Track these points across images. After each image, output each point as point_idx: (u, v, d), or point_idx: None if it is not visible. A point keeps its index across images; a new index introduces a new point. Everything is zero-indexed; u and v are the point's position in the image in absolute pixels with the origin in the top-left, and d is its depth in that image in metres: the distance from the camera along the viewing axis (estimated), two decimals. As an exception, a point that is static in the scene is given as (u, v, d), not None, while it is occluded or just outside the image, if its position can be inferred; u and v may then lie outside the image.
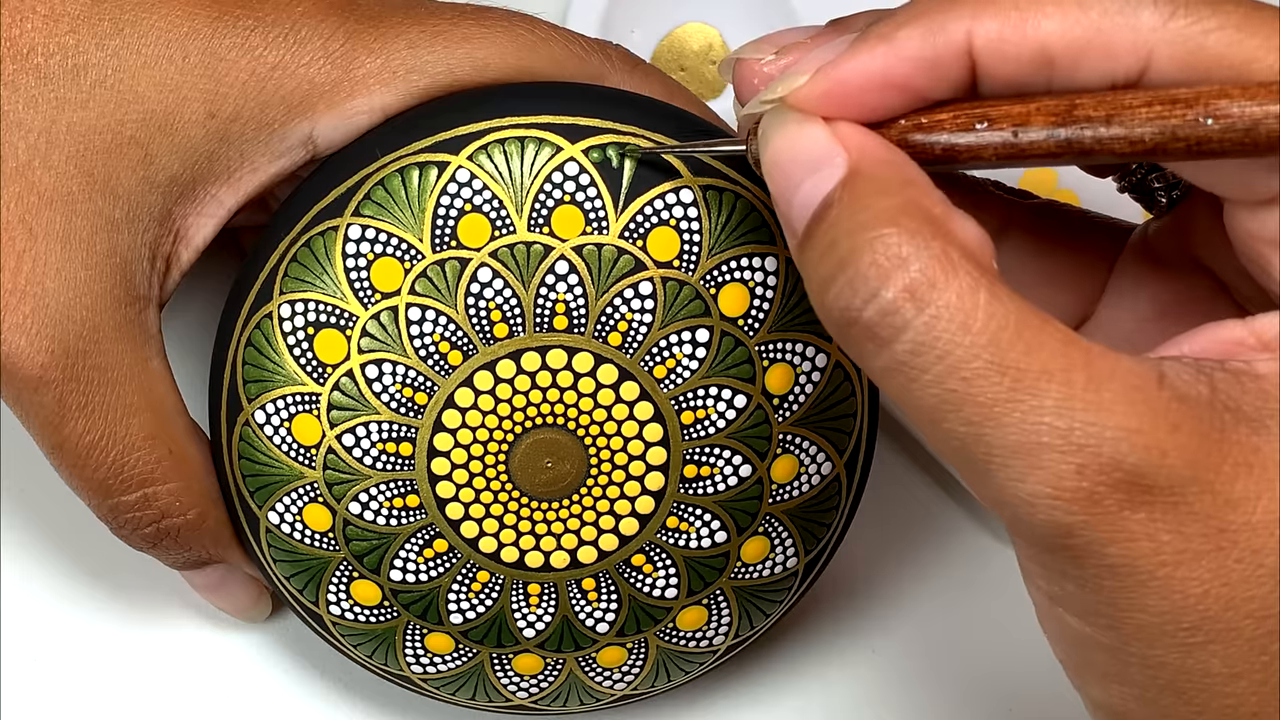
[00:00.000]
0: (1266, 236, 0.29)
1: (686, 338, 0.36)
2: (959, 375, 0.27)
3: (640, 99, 0.37)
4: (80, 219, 0.35)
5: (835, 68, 0.30)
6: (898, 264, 0.27)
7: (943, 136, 0.30)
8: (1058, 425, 0.26)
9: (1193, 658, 0.27)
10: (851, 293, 0.27)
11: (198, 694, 0.45)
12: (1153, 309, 0.35)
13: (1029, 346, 0.27)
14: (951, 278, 0.27)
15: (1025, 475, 0.27)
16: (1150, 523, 0.27)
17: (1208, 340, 0.29)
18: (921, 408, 0.27)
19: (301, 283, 0.36)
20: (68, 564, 0.46)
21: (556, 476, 0.37)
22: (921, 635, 0.46)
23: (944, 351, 0.27)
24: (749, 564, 0.39)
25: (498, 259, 0.36)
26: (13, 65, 0.35)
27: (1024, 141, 0.29)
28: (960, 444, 0.27)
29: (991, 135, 0.29)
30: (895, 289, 0.27)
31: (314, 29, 0.36)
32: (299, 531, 0.38)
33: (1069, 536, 0.27)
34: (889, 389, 0.28)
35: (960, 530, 0.47)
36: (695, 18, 0.50)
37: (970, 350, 0.27)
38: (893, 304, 0.27)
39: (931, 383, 0.27)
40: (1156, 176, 0.34)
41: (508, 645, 0.39)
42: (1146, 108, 0.28)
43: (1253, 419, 0.27)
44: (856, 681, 0.46)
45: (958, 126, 0.29)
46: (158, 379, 0.37)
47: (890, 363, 0.27)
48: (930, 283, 0.27)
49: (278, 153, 0.37)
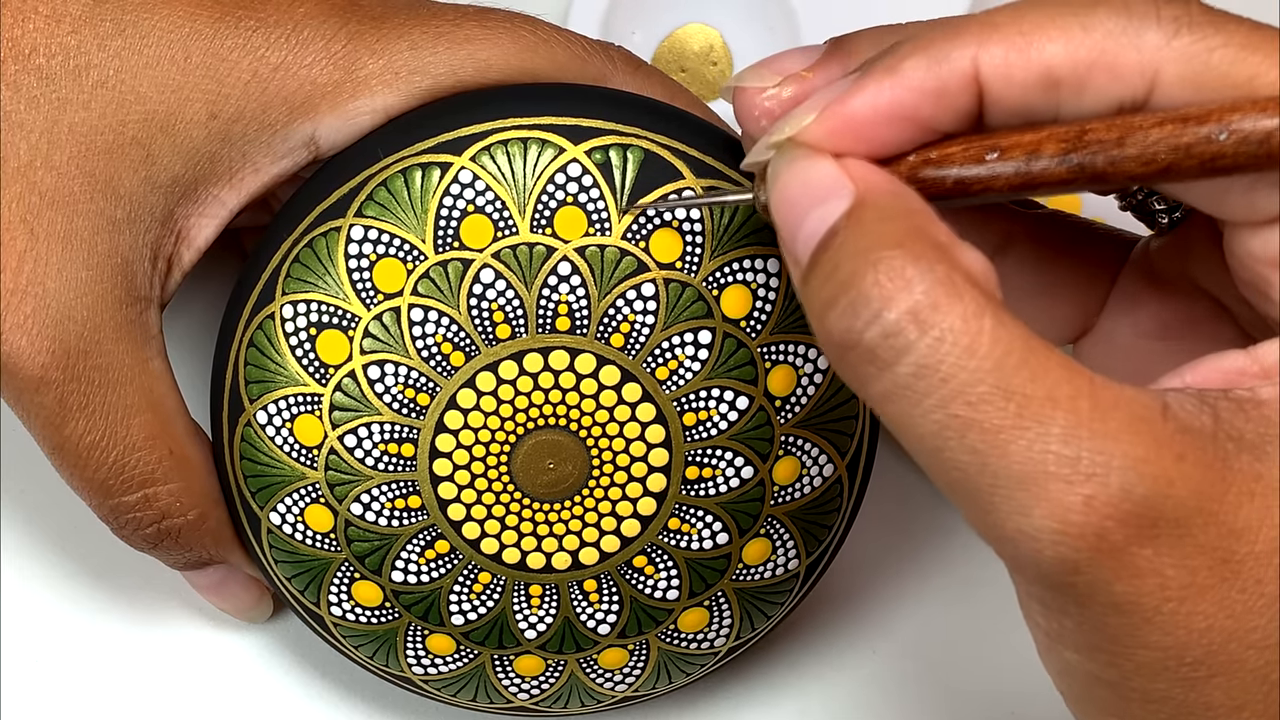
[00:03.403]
0: (1268, 258, 0.29)
1: (689, 339, 0.36)
2: (963, 400, 0.26)
3: (642, 100, 0.37)
4: (81, 219, 0.35)
5: (842, 104, 0.29)
6: (902, 286, 0.26)
7: (954, 170, 0.29)
8: (1065, 453, 0.26)
9: (1195, 691, 0.27)
10: (853, 314, 0.27)
11: (198, 695, 0.45)
12: (1153, 325, 0.35)
13: (1034, 373, 0.26)
14: (956, 301, 0.26)
15: (1030, 508, 0.26)
16: (1156, 558, 0.26)
17: (1210, 370, 0.29)
18: (923, 435, 0.27)
19: (304, 283, 0.36)
20: (68, 564, 0.46)
21: (558, 478, 0.37)
22: (923, 637, 0.46)
23: (948, 375, 0.26)
24: (750, 566, 0.39)
25: (500, 260, 0.36)
26: (15, 65, 0.35)
27: (1036, 169, 0.29)
28: (962, 474, 0.26)
29: (1003, 166, 0.29)
30: (899, 310, 0.26)
31: (316, 30, 0.36)
32: (300, 532, 0.38)
33: (1074, 574, 0.26)
34: (888, 416, 0.27)
35: (961, 532, 0.47)
36: (696, 19, 0.50)
37: (975, 374, 0.26)
38: (896, 325, 0.26)
39: (934, 407, 0.26)
40: (1156, 199, 0.34)
41: (509, 646, 0.39)
42: (1158, 127, 0.28)
43: (1255, 446, 0.27)
44: (858, 683, 0.46)
45: (968, 159, 0.29)
46: (159, 379, 0.37)
47: (891, 387, 0.27)
48: (934, 305, 0.26)
49: (280, 153, 0.37)
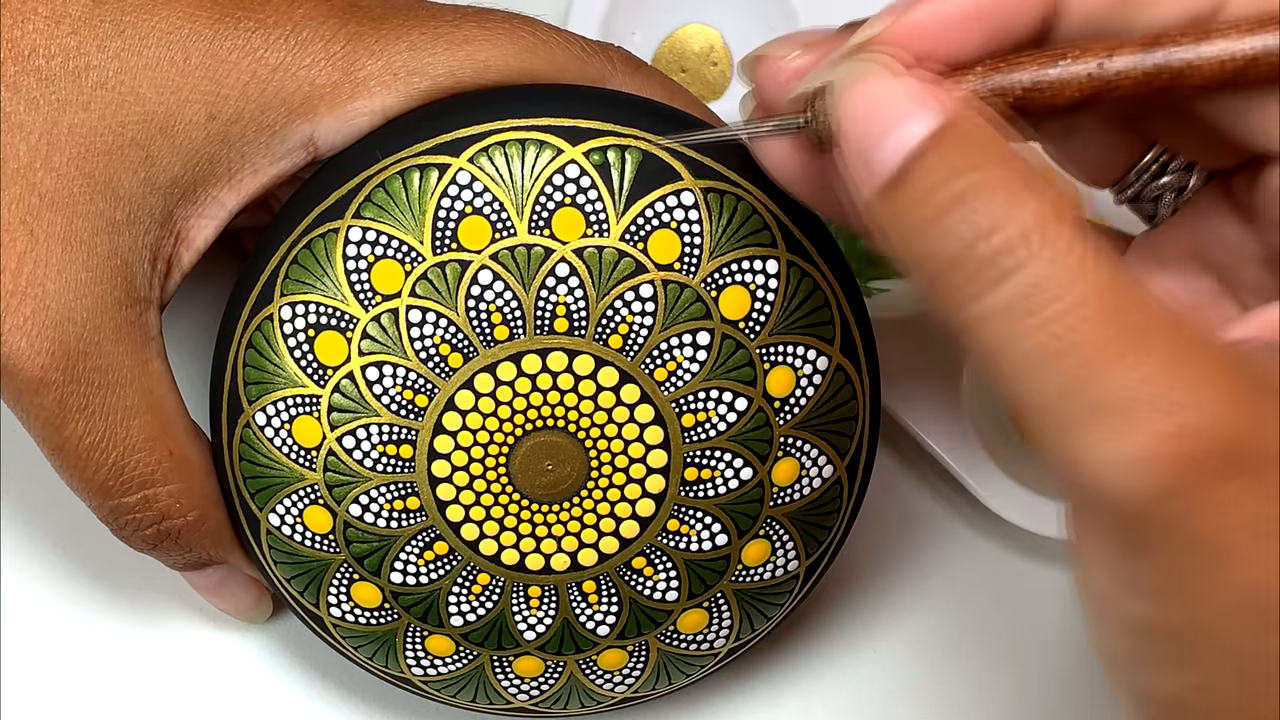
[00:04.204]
0: None
1: (687, 340, 0.36)
2: (1068, 321, 0.26)
3: (642, 101, 0.37)
4: (81, 221, 0.35)
5: (911, 13, 0.29)
6: (1016, 203, 0.26)
7: (1025, 74, 0.29)
8: (1162, 383, 0.26)
9: (1268, 640, 0.27)
10: (965, 230, 0.27)
11: (198, 695, 0.45)
12: None
13: (1139, 302, 0.26)
14: (1064, 225, 0.26)
15: (1122, 434, 0.26)
16: (1242, 494, 0.26)
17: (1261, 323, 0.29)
18: (1020, 354, 0.26)
19: (302, 285, 0.36)
20: (68, 565, 0.46)
21: (557, 479, 0.37)
22: (923, 638, 0.46)
23: (1058, 294, 0.26)
24: (750, 567, 0.39)
25: (498, 261, 0.36)
26: (14, 67, 0.35)
27: (1110, 71, 0.28)
28: (1055, 397, 0.26)
29: (1077, 67, 0.28)
30: (1013, 229, 0.26)
31: (315, 31, 0.36)
32: (299, 533, 0.38)
33: (1161, 502, 0.26)
34: (984, 337, 0.27)
35: (962, 532, 0.47)
36: (696, 19, 0.50)
37: (1085, 295, 0.26)
38: (1007, 244, 0.26)
39: (1039, 326, 0.26)
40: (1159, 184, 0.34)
41: (508, 648, 0.39)
42: (1236, 29, 0.28)
43: None
44: (858, 684, 0.46)
45: (1040, 64, 0.29)
46: (158, 381, 0.37)
47: (995, 306, 0.26)
48: (1044, 226, 0.26)
49: (278, 154, 0.37)
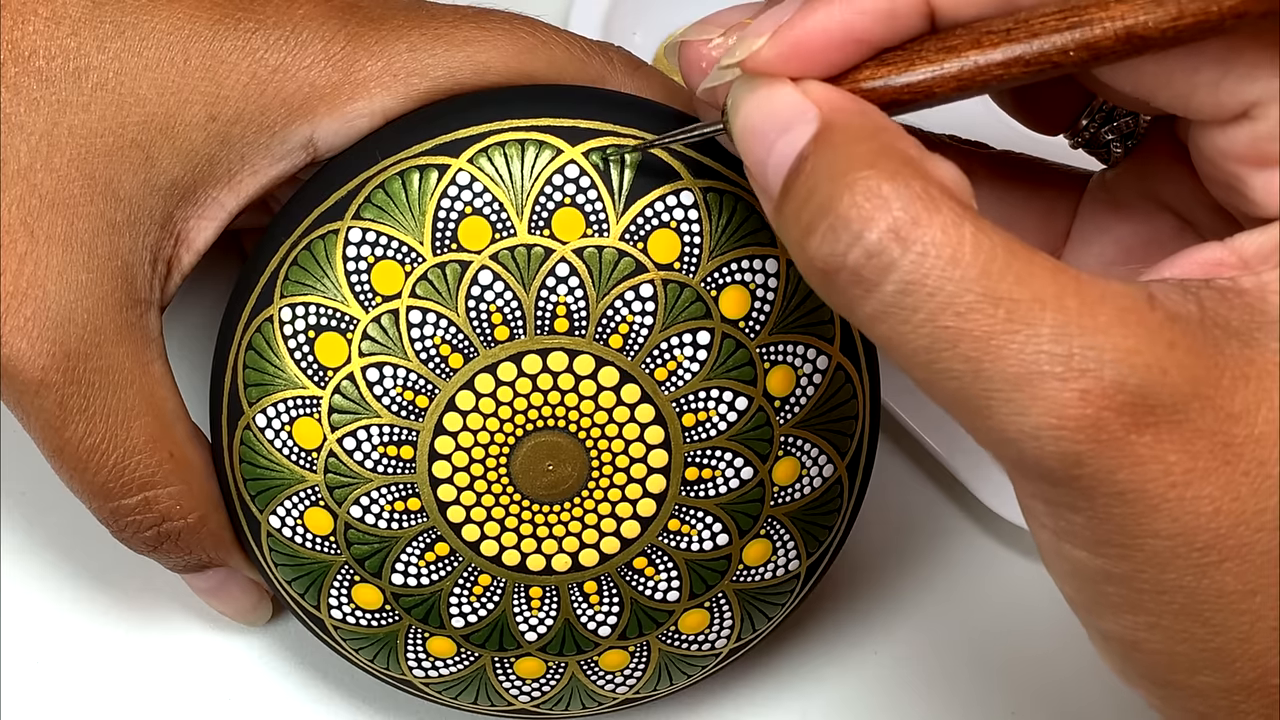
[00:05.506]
0: (1237, 153, 0.29)
1: (687, 340, 0.36)
2: (952, 310, 0.26)
3: (641, 101, 0.37)
4: (81, 222, 0.35)
5: (793, 27, 0.29)
6: (879, 205, 0.26)
7: (901, 78, 0.29)
8: (1057, 352, 0.26)
9: (1207, 578, 0.27)
10: (834, 238, 0.27)
11: (198, 697, 0.45)
12: (1117, 251, 0.35)
13: (1019, 276, 0.26)
14: (934, 214, 0.26)
15: (1028, 407, 0.26)
16: (1157, 444, 0.26)
17: (1189, 263, 0.29)
18: (915, 350, 0.27)
19: (302, 286, 0.36)
20: (68, 567, 0.46)
21: (558, 479, 0.37)
22: (924, 638, 0.46)
23: (935, 288, 0.26)
24: (751, 567, 0.39)
25: (498, 261, 0.36)
26: (14, 68, 0.35)
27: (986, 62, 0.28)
28: (958, 383, 0.27)
29: (952, 63, 0.29)
30: (879, 229, 0.26)
31: (315, 32, 0.36)
32: (300, 535, 0.38)
33: (1076, 466, 0.26)
34: (879, 336, 0.27)
35: (962, 532, 0.47)
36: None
37: (961, 284, 0.26)
38: (878, 244, 0.26)
39: (924, 321, 0.26)
40: (1109, 129, 0.35)
41: (509, 649, 0.39)
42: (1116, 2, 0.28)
43: (1242, 332, 0.27)
44: (859, 684, 0.46)
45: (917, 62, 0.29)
46: (159, 382, 0.37)
47: (879, 306, 0.27)
48: (914, 220, 0.26)
49: (278, 155, 0.37)
